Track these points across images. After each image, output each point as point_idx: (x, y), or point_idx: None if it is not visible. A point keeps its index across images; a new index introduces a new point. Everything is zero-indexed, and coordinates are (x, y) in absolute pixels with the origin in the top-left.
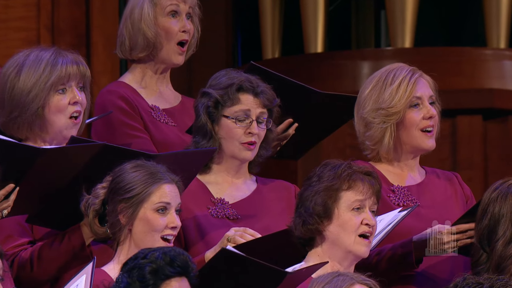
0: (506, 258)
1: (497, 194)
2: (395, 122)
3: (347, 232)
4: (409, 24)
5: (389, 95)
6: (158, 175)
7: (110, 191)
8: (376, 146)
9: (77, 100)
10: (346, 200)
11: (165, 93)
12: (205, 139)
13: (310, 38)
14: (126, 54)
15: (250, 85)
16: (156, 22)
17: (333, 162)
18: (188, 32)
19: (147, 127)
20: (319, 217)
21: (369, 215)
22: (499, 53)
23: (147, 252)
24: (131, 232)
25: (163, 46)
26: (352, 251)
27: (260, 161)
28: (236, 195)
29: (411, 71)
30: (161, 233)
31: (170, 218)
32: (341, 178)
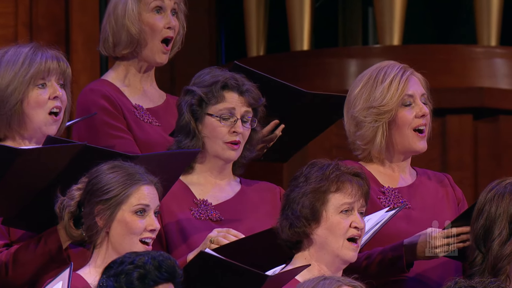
0: (502, 258)
1: (493, 193)
2: (387, 121)
3: (335, 236)
4: (398, 21)
5: (380, 93)
6: (136, 176)
7: (86, 193)
8: (368, 146)
9: (58, 95)
10: (334, 202)
11: (149, 92)
12: (188, 138)
13: (296, 35)
14: (109, 51)
15: (235, 83)
16: (140, 18)
17: (320, 162)
18: (173, 28)
19: (130, 127)
20: (306, 220)
21: (357, 218)
22: (490, 51)
23: (134, 256)
24: (109, 235)
25: (147, 43)
26: (339, 256)
27: (244, 162)
28: (220, 196)
29: (402, 68)
30: (139, 236)
31: (149, 221)
32: (329, 180)
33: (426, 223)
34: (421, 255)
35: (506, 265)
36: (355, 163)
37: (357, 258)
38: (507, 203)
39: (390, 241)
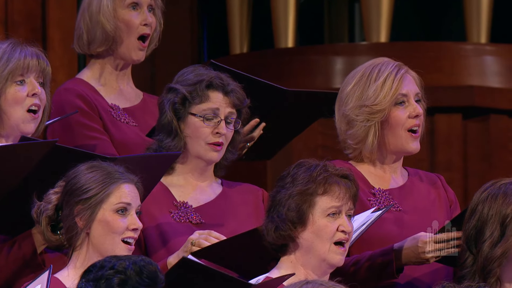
0: (492, 260)
1: (486, 194)
2: (380, 120)
3: (322, 240)
4: (385, 17)
5: (373, 92)
6: (116, 174)
7: (64, 194)
8: (359, 145)
9: (36, 92)
10: (321, 205)
11: (126, 91)
12: (169, 138)
13: (281, 32)
14: (84, 48)
15: (220, 83)
16: (116, 15)
17: (308, 163)
18: (149, 25)
19: (106, 127)
20: (292, 223)
21: (345, 221)
22: (480, 48)
23: (115, 261)
24: (89, 236)
25: (123, 40)
26: (326, 260)
27: (225, 164)
28: (200, 198)
29: (397, 66)
30: (121, 236)
31: (131, 220)
32: (316, 182)
33: (418, 226)
34: (411, 260)
35: (496, 267)
36: (345, 163)
37: (345, 263)
38: (500, 204)
39: (380, 245)
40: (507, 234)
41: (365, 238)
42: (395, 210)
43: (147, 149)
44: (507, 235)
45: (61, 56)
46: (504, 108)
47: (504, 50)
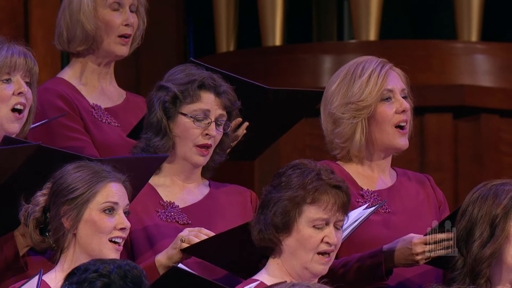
0: (481, 261)
1: (477, 196)
2: (366, 117)
3: (304, 249)
4: (374, 15)
5: (358, 88)
6: (103, 173)
7: (51, 195)
8: (347, 143)
9: (23, 91)
10: (308, 215)
11: (108, 90)
12: (158, 137)
13: (268, 30)
14: (64, 46)
15: (212, 83)
16: (96, 14)
17: (303, 166)
18: (131, 26)
19: (87, 128)
20: (276, 228)
21: (331, 233)
22: (471, 46)
23: (99, 264)
24: (76, 236)
25: (103, 39)
26: (308, 269)
27: (213, 166)
28: (187, 199)
29: (381, 63)
30: (109, 235)
31: (119, 219)
32: (306, 189)
33: (407, 227)
34: (401, 262)
35: (486, 268)
36: (332, 163)
37: (334, 265)
38: (489, 205)
39: (369, 247)
40: (496, 234)
41: (354, 240)
42: (383, 211)
43: (134, 147)
44: (496, 236)
45: (44, 54)
46: (495, 108)
47: (495, 48)
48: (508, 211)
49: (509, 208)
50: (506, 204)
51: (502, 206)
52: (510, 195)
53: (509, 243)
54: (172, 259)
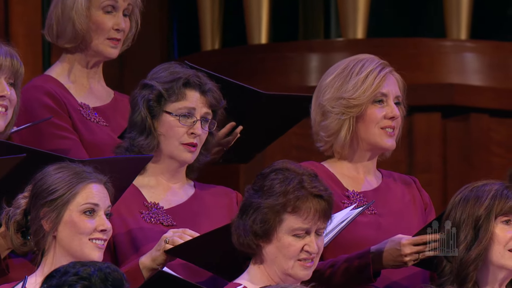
0: (467, 264)
1: (459, 198)
2: (355, 115)
3: (284, 257)
4: (362, 13)
5: (353, 85)
6: (83, 174)
7: (32, 197)
8: (331, 138)
9: (5, 95)
10: (288, 224)
11: (96, 90)
12: (142, 136)
13: (254, 28)
14: (53, 39)
15: (197, 81)
16: (88, 14)
17: (287, 171)
18: (122, 30)
19: (76, 126)
20: (255, 236)
21: (312, 242)
22: (460, 44)
23: (79, 267)
24: (56, 239)
25: (92, 40)
26: (291, 275)
27: (198, 166)
28: (172, 200)
29: (381, 64)
30: (89, 236)
31: (99, 221)
32: (287, 197)
33: (393, 229)
34: (389, 263)
35: (472, 271)
36: (317, 164)
37: (321, 266)
38: (471, 207)
39: (355, 248)
40: (480, 236)
41: (340, 241)
42: (369, 213)
43: (118, 147)
44: (480, 237)
45: (25, 52)
46: (485, 107)
47: (485, 46)
48: (490, 211)
49: (491, 208)
50: (488, 205)
51: (484, 207)
52: (491, 195)
53: (494, 244)
54: (156, 261)
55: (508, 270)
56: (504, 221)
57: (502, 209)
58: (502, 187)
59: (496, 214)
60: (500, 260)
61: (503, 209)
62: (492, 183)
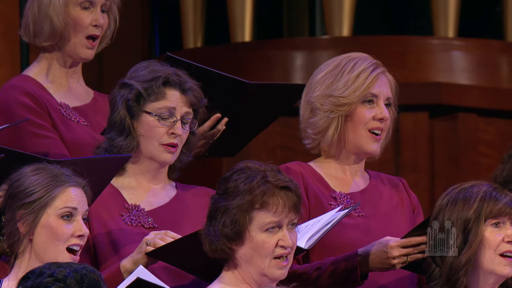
0: (457, 269)
1: (446, 201)
2: (344, 114)
3: (260, 256)
4: (347, 10)
5: (344, 84)
6: (62, 177)
7: (7, 198)
8: (318, 136)
9: None
10: (259, 221)
11: (76, 89)
12: (121, 136)
13: (237, 25)
14: (30, 38)
15: (177, 80)
16: (66, 10)
17: (249, 170)
18: (100, 26)
19: (56, 126)
20: (227, 239)
21: (285, 236)
22: (447, 42)
23: (55, 268)
24: (32, 242)
25: (71, 38)
26: (267, 275)
27: (179, 166)
28: (153, 201)
29: (374, 64)
30: (66, 243)
31: (77, 226)
32: (253, 194)
33: (380, 231)
34: (376, 266)
35: (462, 276)
36: (304, 164)
37: (307, 268)
38: (460, 209)
39: (342, 251)
40: (470, 240)
41: (327, 244)
42: (356, 215)
43: (97, 148)
44: (470, 241)
45: (3, 51)
46: (473, 106)
47: (473, 45)
48: (479, 214)
49: (480, 210)
50: (477, 207)
51: (473, 210)
52: (480, 196)
53: (484, 248)
54: (137, 264)
55: (498, 275)
56: (493, 224)
57: (491, 212)
58: (491, 189)
59: (485, 217)
60: (490, 265)
61: (493, 211)
62: (480, 184)
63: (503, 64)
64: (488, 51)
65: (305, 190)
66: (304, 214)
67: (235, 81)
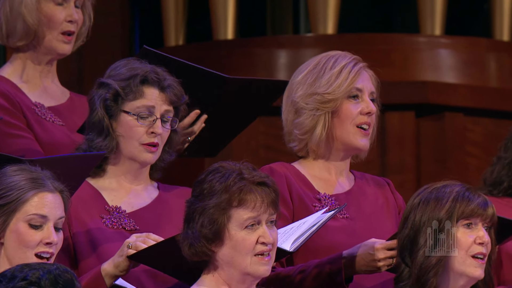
0: (427, 270)
1: (418, 200)
2: (330, 111)
3: (241, 254)
4: (332, 8)
5: (327, 80)
6: (38, 181)
7: None
8: (306, 136)
9: None
10: (237, 218)
11: (51, 89)
12: (100, 137)
13: (219, 22)
14: (3, 40)
15: (156, 77)
16: (39, 7)
17: (224, 168)
18: (75, 22)
19: (31, 126)
20: (207, 240)
21: (265, 232)
22: (434, 40)
23: (27, 271)
24: (4, 245)
25: (45, 35)
26: (250, 273)
27: (162, 166)
28: (135, 203)
29: (355, 59)
30: (34, 250)
31: (46, 233)
32: (230, 192)
33: (365, 233)
34: (361, 269)
35: (432, 277)
36: (287, 165)
37: (291, 271)
38: (432, 209)
39: (326, 253)
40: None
41: (311, 247)
42: (341, 217)
43: (76, 149)
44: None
45: None
46: (460, 106)
47: (460, 43)
48: (451, 214)
49: (452, 211)
50: (449, 207)
51: (445, 210)
52: (452, 197)
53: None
54: (119, 267)
55: (469, 277)
56: (465, 225)
57: (464, 212)
58: (464, 189)
59: (457, 218)
60: (461, 266)
61: (465, 212)
62: (452, 185)
63: (491, 63)
64: (476, 49)
65: (289, 192)
66: (287, 215)
67: (214, 76)
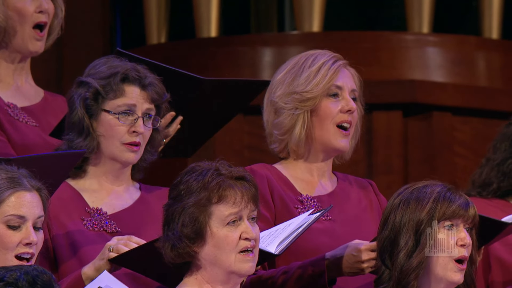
0: (408, 272)
1: (398, 201)
2: (309, 109)
3: (225, 252)
4: (318, 5)
5: (305, 78)
6: (15, 180)
7: None
8: (285, 136)
9: None
10: (218, 215)
11: (24, 88)
12: (80, 137)
13: (203, 20)
14: None
15: (136, 75)
16: (5, 2)
17: (199, 167)
18: (46, 12)
19: (3, 127)
20: (189, 239)
21: (248, 227)
22: (422, 38)
23: (4, 272)
24: None
25: (17, 31)
26: (235, 271)
27: (144, 166)
28: (116, 204)
29: (334, 57)
30: (14, 251)
31: (25, 234)
32: (209, 189)
33: (348, 235)
34: (345, 270)
35: (413, 279)
36: (269, 166)
37: (273, 273)
38: (412, 210)
39: (309, 256)
40: (422, 242)
41: (293, 249)
42: (324, 219)
43: (56, 150)
44: (422, 244)
45: None
46: (448, 105)
47: (448, 41)
48: (432, 215)
49: (433, 212)
50: (430, 208)
51: (426, 211)
52: (433, 197)
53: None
54: (100, 270)
55: (448, 281)
56: (447, 226)
57: (445, 213)
58: (445, 189)
59: (438, 219)
60: (442, 270)
61: (446, 213)
62: (433, 185)
63: (480, 61)
64: (464, 47)
65: (270, 193)
66: (269, 217)
67: (189, 77)
